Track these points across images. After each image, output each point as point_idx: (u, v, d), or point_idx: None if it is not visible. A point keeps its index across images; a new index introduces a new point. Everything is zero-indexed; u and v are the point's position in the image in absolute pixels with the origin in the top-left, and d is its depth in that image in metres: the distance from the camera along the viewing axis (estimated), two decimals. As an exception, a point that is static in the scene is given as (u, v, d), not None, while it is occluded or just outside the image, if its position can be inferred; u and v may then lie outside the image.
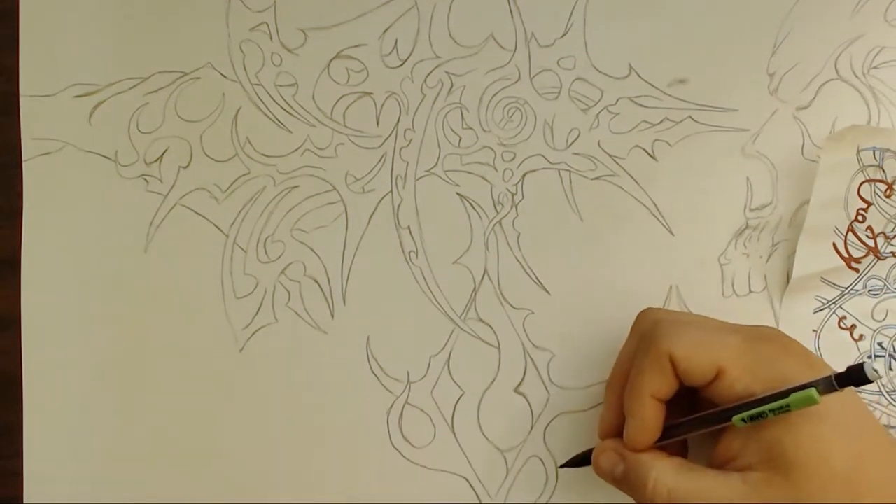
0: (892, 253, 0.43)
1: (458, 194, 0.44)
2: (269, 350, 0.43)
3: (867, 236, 0.43)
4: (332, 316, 0.43)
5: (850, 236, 0.43)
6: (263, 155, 0.44)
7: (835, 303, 0.43)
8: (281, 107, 0.44)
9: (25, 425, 0.42)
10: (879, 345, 0.43)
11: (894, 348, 0.43)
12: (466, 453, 0.43)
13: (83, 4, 0.44)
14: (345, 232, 0.44)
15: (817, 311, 0.43)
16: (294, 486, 0.42)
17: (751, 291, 0.43)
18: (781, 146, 0.44)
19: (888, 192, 0.43)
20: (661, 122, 0.44)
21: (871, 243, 0.43)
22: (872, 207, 0.43)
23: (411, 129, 0.44)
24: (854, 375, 0.31)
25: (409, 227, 0.44)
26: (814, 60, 0.44)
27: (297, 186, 0.44)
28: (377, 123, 0.44)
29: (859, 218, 0.43)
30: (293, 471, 0.43)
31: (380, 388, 0.43)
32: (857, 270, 0.43)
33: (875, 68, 0.44)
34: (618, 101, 0.44)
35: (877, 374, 0.30)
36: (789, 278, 0.43)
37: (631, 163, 0.44)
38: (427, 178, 0.44)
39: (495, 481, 0.43)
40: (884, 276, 0.43)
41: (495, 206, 0.44)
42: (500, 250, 0.44)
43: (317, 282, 0.44)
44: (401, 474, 0.43)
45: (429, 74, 0.44)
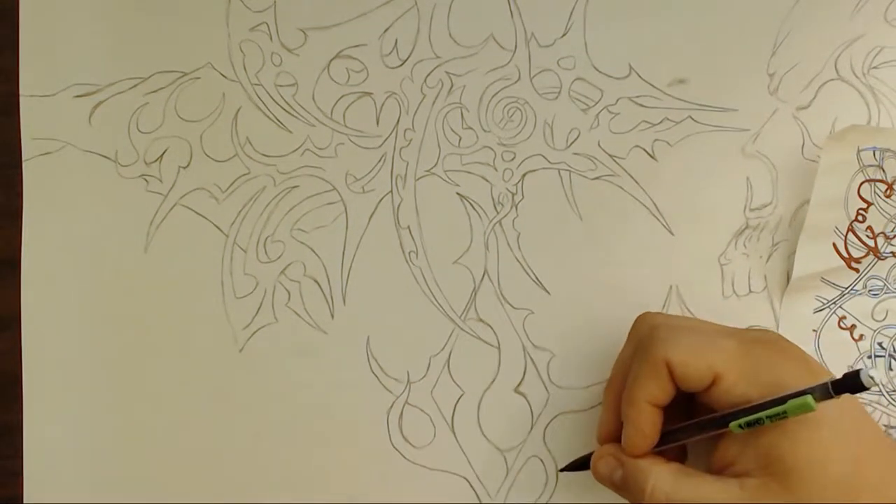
0: (892, 253, 0.43)
1: (458, 194, 0.44)
2: (269, 350, 0.43)
3: (867, 236, 0.43)
4: (332, 316, 0.43)
5: (851, 236, 0.43)
6: (263, 155, 0.44)
7: (835, 303, 0.43)
8: (281, 107, 0.44)
9: (25, 425, 0.42)
10: (879, 345, 0.43)
11: (894, 348, 0.43)
12: (466, 453, 0.43)
13: (83, 4, 0.44)
14: (345, 232, 0.44)
15: (817, 311, 0.43)
16: (294, 486, 0.42)
17: (751, 291, 0.43)
18: (781, 146, 0.44)
19: (888, 192, 0.43)
20: (661, 122, 0.44)
21: (871, 243, 0.43)
22: (872, 207, 0.43)
23: (411, 129, 0.44)
24: (850, 382, 0.31)
25: (409, 227, 0.44)
26: (814, 60, 0.44)
27: (297, 186, 0.44)
28: (377, 123, 0.44)
29: (859, 218, 0.43)
30: (293, 471, 0.43)
31: (380, 388, 0.43)
32: (858, 270, 0.43)
33: (875, 68, 0.44)
34: (618, 101, 0.44)
35: (873, 381, 0.30)
36: (789, 278, 0.43)
37: (631, 163, 0.44)
38: (427, 178, 0.44)
39: (495, 481, 0.43)
40: (884, 276, 0.43)
41: (495, 206, 0.44)
42: (500, 250, 0.44)
43: (317, 282, 0.44)
44: (401, 474, 0.43)
45: (429, 74, 0.44)
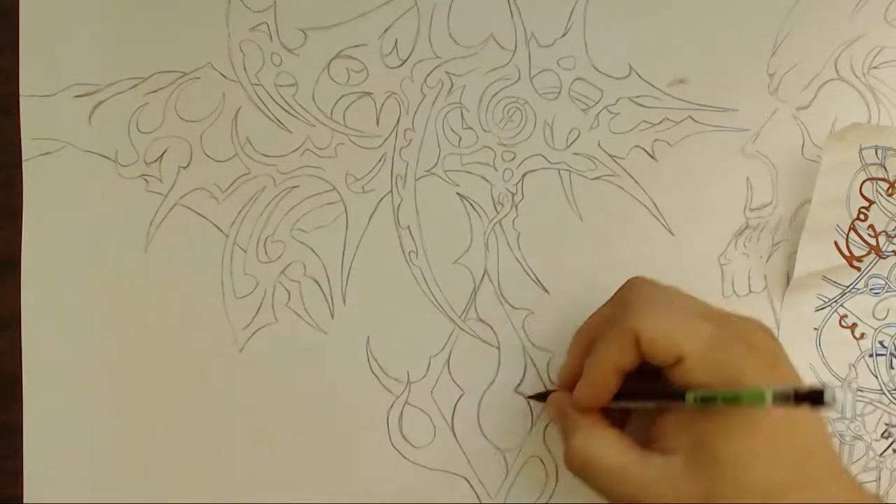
0: (893, 251, 0.43)
1: (458, 194, 0.44)
2: (269, 350, 0.43)
3: (869, 235, 0.43)
4: (332, 316, 0.43)
5: (852, 235, 0.43)
6: (263, 155, 0.44)
7: (836, 301, 0.43)
8: (281, 107, 0.44)
9: (25, 425, 0.42)
10: (880, 343, 0.43)
11: (895, 347, 0.43)
12: (466, 453, 0.43)
13: (83, 4, 0.44)
14: (345, 232, 0.44)
15: (819, 310, 0.43)
16: (294, 486, 0.42)
17: (751, 291, 0.43)
18: (781, 146, 0.44)
19: (890, 191, 0.43)
20: (661, 122, 0.44)
21: (872, 242, 0.43)
22: (874, 206, 0.43)
23: (411, 129, 0.44)
24: (811, 395, 0.30)
25: (409, 227, 0.44)
26: (814, 60, 0.44)
27: (297, 186, 0.44)
28: (377, 123, 0.44)
29: (861, 216, 0.43)
30: (293, 471, 0.43)
31: (380, 388, 0.43)
32: (859, 269, 0.43)
33: (875, 68, 0.44)
34: (618, 101, 0.44)
35: (834, 401, 0.29)
36: (789, 278, 0.43)
37: (631, 163, 0.44)
38: (427, 178, 0.44)
39: (495, 481, 0.43)
40: (885, 274, 0.43)
41: (495, 206, 0.44)
42: (500, 250, 0.44)
43: (317, 282, 0.43)
44: (401, 474, 0.43)
45: (429, 74, 0.44)
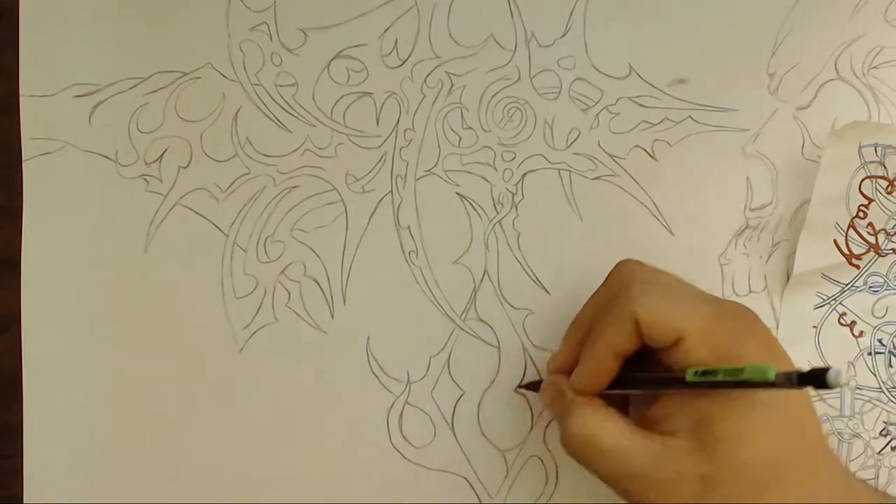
0: (892, 250, 0.43)
1: (458, 194, 0.44)
2: (269, 350, 0.43)
3: (868, 233, 0.43)
4: (332, 316, 0.43)
5: (851, 233, 0.43)
6: (263, 155, 0.44)
7: (835, 299, 0.43)
8: (281, 107, 0.44)
9: (25, 425, 0.42)
10: (879, 341, 0.43)
11: (894, 345, 0.43)
12: (466, 453, 0.43)
13: (83, 4, 0.44)
14: (345, 232, 0.44)
15: (818, 307, 0.43)
16: (294, 486, 0.42)
17: (751, 291, 0.43)
18: (781, 146, 0.44)
19: (889, 189, 0.43)
20: (661, 122, 0.44)
21: (871, 240, 0.43)
22: (874, 204, 0.43)
23: (411, 129, 0.44)
24: (815, 377, 0.30)
25: (409, 227, 0.44)
26: (814, 60, 0.44)
27: (297, 186, 0.44)
28: (377, 123, 0.44)
29: (860, 214, 0.43)
30: (293, 471, 0.42)
31: (380, 388, 0.43)
32: (858, 267, 0.43)
33: (875, 68, 0.44)
34: (618, 101, 0.44)
35: (838, 383, 0.29)
36: (789, 278, 0.43)
37: (631, 163, 0.44)
38: (427, 178, 0.44)
39: (495, 481, 0.43)
40: (884, 272, 0.43)
41: (495, 206, 0.44)
42: (500, 250, 0.44)
43: (317, 282, 0.43)
44: (401, 474, 0.43)
45: (429, 74, 0.44)
